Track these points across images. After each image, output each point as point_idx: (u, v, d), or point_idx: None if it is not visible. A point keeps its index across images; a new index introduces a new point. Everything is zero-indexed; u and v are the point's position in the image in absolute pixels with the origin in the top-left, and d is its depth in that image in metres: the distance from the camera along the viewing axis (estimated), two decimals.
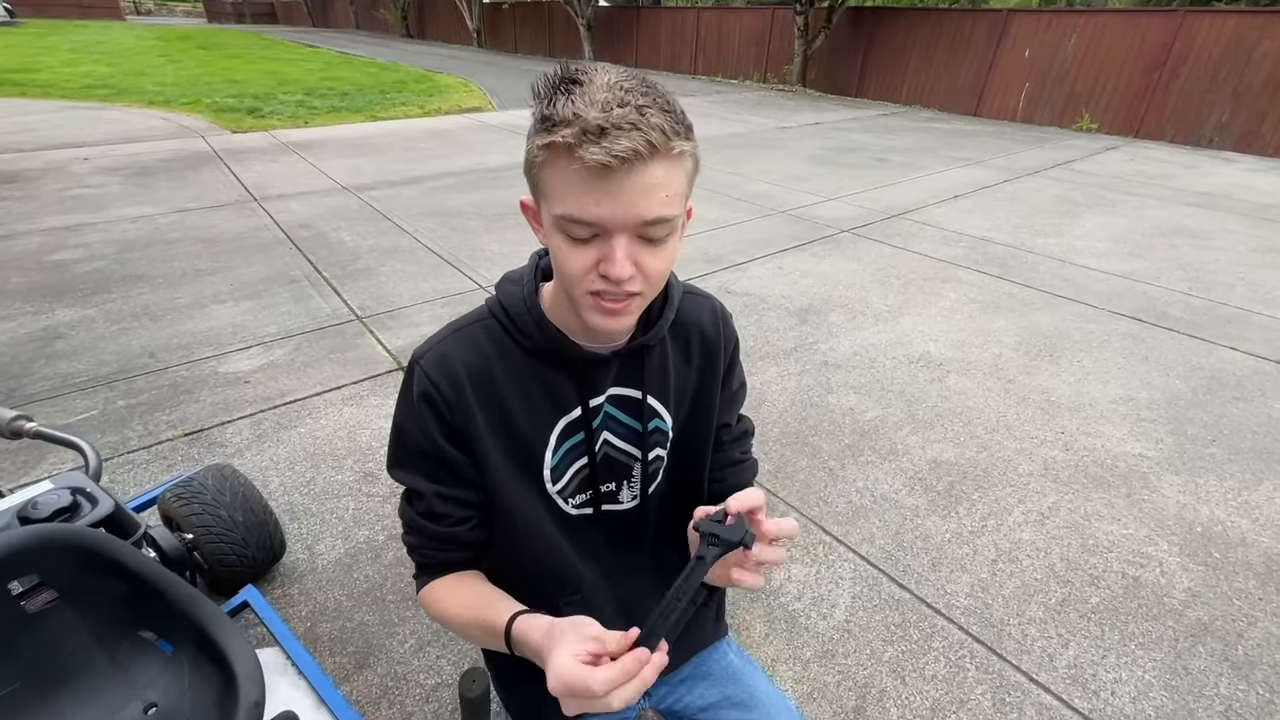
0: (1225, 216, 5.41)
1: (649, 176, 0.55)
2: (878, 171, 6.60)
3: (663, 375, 0.82)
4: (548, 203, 0.60)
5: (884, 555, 1.86)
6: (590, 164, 0.53)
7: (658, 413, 0.82)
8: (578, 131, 0.53)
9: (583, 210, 0.56)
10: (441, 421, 0.73)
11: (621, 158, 0.53)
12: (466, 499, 0.78)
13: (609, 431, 0.81)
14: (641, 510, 0.88)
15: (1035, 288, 3.79)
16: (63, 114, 8.35)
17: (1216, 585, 1.79)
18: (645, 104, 0.54)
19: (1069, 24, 10.05)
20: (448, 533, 0.78)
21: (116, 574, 1.04)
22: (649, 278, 0.62)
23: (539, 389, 0.75)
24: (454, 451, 0.75)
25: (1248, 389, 2.78)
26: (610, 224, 0.57)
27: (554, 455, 0.78)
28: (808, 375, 2.79)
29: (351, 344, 2.90)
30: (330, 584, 1.70)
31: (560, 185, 0.57)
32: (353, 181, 5.58)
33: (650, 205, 0.56)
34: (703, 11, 16.02)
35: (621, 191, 0.55)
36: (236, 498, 1.57)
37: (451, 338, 0.75)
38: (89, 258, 3.75)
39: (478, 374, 0.73)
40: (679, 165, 0.58)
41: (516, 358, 0.74)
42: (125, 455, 2.14)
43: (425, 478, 0.76)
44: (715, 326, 0.86)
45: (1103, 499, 2.11)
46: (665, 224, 0.59)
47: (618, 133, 0.52)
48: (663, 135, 0.54)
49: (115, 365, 2.66)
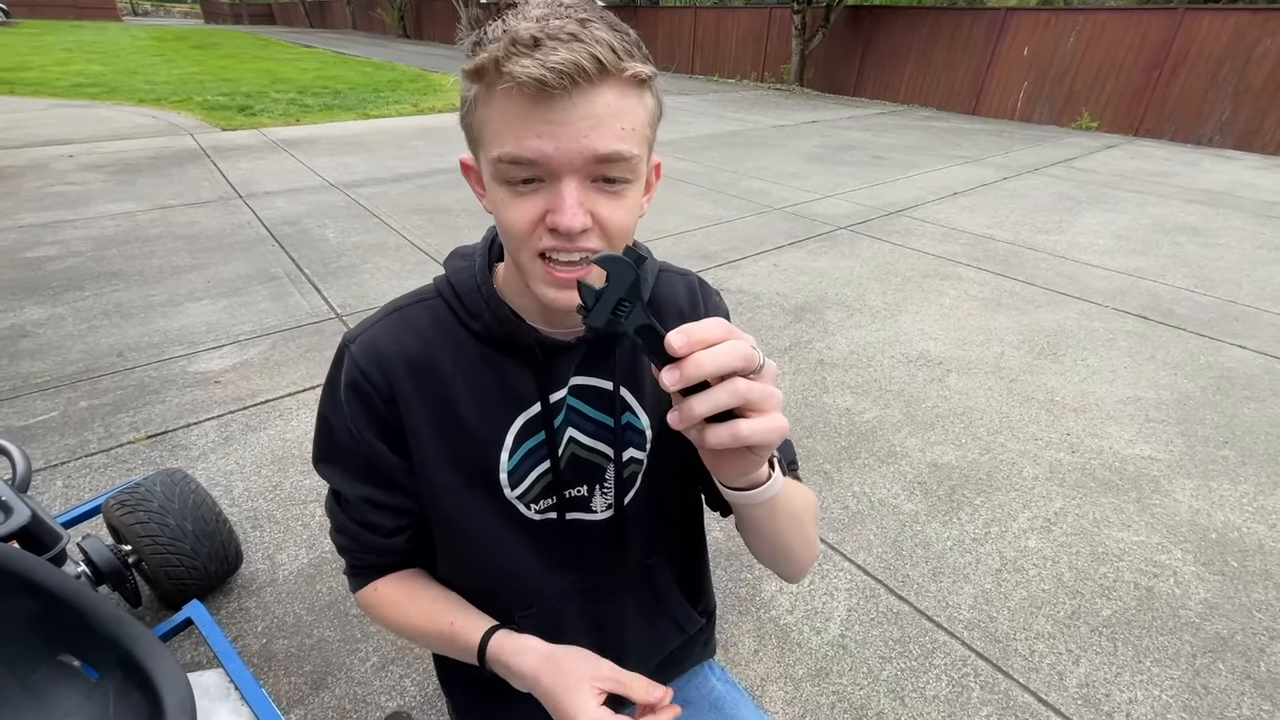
0: (1229, 214, 5.31)
1: (598, 102, 0.46)
2: (875, 169, 6.50)
3: (635, 363, 0.70)
4: (484, 149, 0.51)
5: (882, 564, 1.75)
6: (522, 79, 0.44)
7: (629, 407, 0.71)
8: (506, 43, 0.44)
9: (521, 145, 0.47)
10: (373, 415, 0.62)
11: (559, 71, 0.43)
12: (401, 506, 0.67)
13: (575, 428, 0.69)
14: (618, 527, 0.76)
15: (1037, 285, 3.69)
16: (51, 112, 8.24)
17: (1234, 596, 1.68)
18: (588, 18, 0.46)
19: (1068, 22, 9.97)
20: (379, 543, 0.69)
21: (27, 593, 0.93)
22: (608, 232, 0.51)
23: (492, 381, 0.64)
24: (387, 452, 0.64)
25: (1259, 389, 2.68)
26: (555, 161, 0.47)
27: (511, 457, 0.67)
28: (803, 374, 2.69)
29: (329, 342, 2.80)
30: (290, 596, 1.59)
31: (495, 122, 0.48)
32: (341, 179, 5.47)
33: (603, 137, 0.47)
34: (700, 11, 15.93)
35: (567, 120, 0.46)
36: (186, 505, 1.46)
37: (387, 319, 0.64)
38: (64, 254, 3.64)
39: (417, 362, 0.62)
40: (635, 95, 0.49)
41: (465, 344, 0.63)
42: (83, 459, 2.03)
43: (354, 480, 0.66)
44: (694, 303, 0.75)
45: (1112, 504, 2.00)
46: (623, 162, 0.49)
47: (554, 43, 0.44)
48: (612, 53, 0.46)
49: (81, 365, 2.55)
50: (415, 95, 10.75)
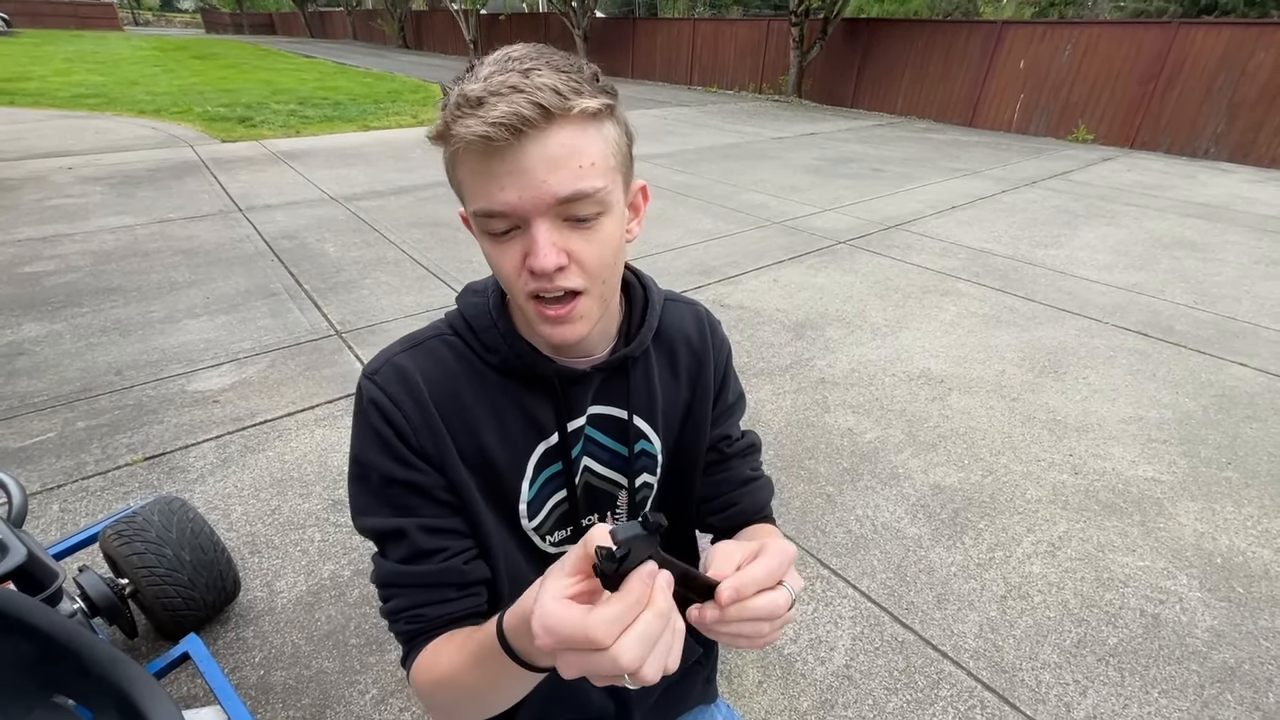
0: (1226, 228, 5.33)
1: (551, 144, 0.48)
2: (874, 182, 6.52)
3: (648, 392, 0.71)
4: (467, 204, 0.54)
5: (886, 591, 1.73)
6: (469, 138, 0.47)
7: (644, 434, 0.72)
8: (453, 106, 0.48)
9: (489, 199, 0.50)
10: (405, 440, 0.60)
11: (501, 124, 0.46)
12: (457, 528, 0.63)
13: (590, 457, 0.70)
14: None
15: (1037, 301, 3.69)
16: (50, 123, 8.25)
17: (1241, 624, 1.67)
18: (532, 66, 0.48)
19: (1063, 35, 10.05)
20: (442, 569, 0.60)
21: (22, 636, 0.91)
22: (586, 268, 0.53)
23: (513, 410, 0.64)
24: (430, 471, 0.60)
25: (1260, 408, 2.68)
26: (522, 208, 0.49)
27: (531, 487, 0.67)
28: (804, 393, 2.68)
29: (328, 360, 2.78)
30: (289, 626, 1.57)
31: (466, 180, 0.51)
32: (341, 191, 5.48)
33: (560, 179, 0.49)
34: (698, 23, 16.05)
35: (523, 168, 0.48)
36: (184, 534, 1.44)
37: (408, 352, 0.63)
38: (62, 269, 3.63)
39: (442, 391, 0.62)
40: (591, 129, 0.50)
41: (485, 376, 0.64)
42: (79, 482, 2.01)
43: (401, 513, 0.61)
44: (702, 335, 0.76)
45: (1116, 527, 1.99)
46: (588, 199, 0.50)
47: (494, 99, 0.46)
48: (555, 95, 0.47)
49: (78, 384, 2.53)
50: (415, 106, 10.78)
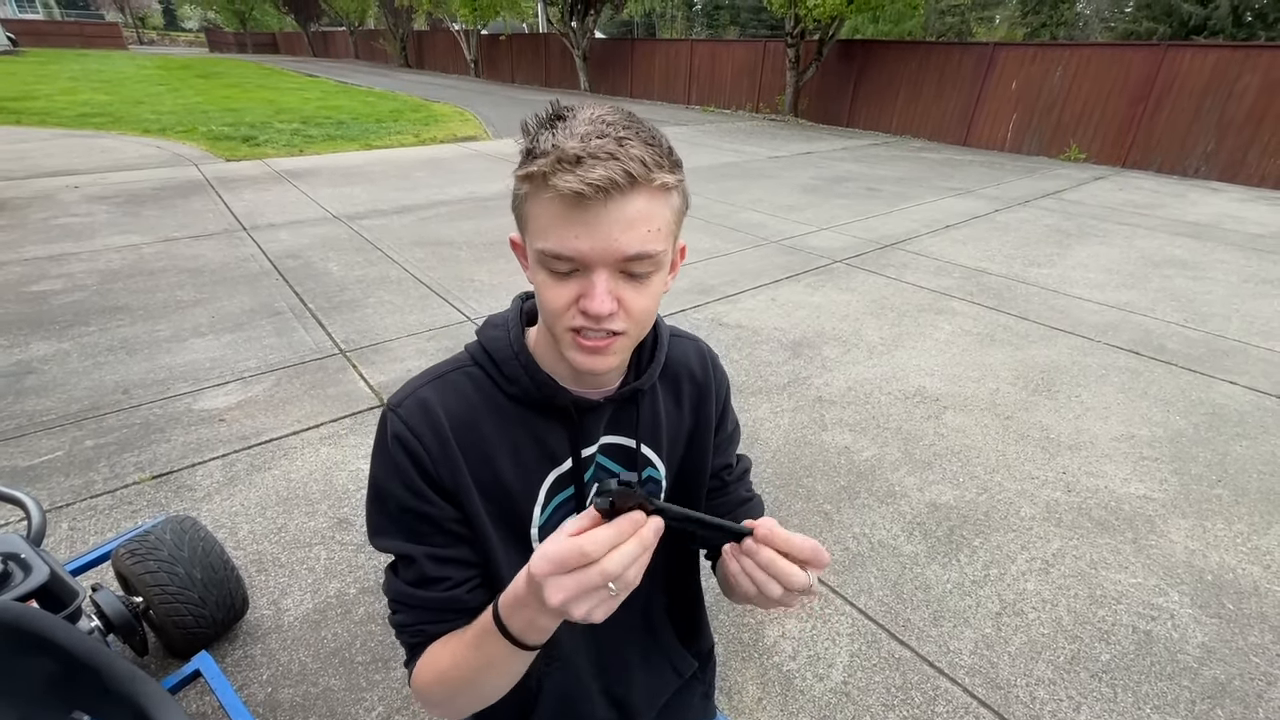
0: (1216, 247, 5.42)
1: (629, 209, 0.53)
2: (870, 201, 6.62)
3: (654, 422, 0.77)
4: (530, 237, 0.58)
5: (883, 608, 1.76)
6: (564, 191, 0.51)
7: (650, 461, 0.77)
8: (553, 160, 0.52)
9: (562, 244, 0.54)
10: (424, 470, 0.64)
11: (596, 185, 0.51)
12: (464, 558, 0.68)
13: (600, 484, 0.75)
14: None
15: (1030, 319, 3.75)
16: (57, 142, 8.36)
17: (1231, 640, 1.70)
18: (626, 135, 0.53)
19: (1054, 57, 10.25)
20: (446, 598, 0.66)
21: (45, 653, 0.95)
22: (632, 316, 0.59)
23: (528, 440, 0.69)
24: (443, 505, 0.66)
25: (1250, 426, 2.72)
26: (589, 258, 0.54)
27: (543, 512, 0.71)
28: (801, 412, 2.72)
29: (333, 379, 2.82)
30: (295, 643, 1.60)
31: (540, 219, 0.55)
32: (344, 210, 5.55)
33: (630, 239, 0.54)
34: (696, 44, 16.32)
35: (601, 224, 0.53)
36: (195, 553, 1.47)
37: (430, 385, 0.68)
38: (70, 288, 3.68)
39: (462, 423, 0.66)
40: (663, 199, 0.56)
41: (503, 407, 0.68)
42: (88, 500, 2.04)
43: (413, 539, 0.66)
44: (705, 370, 0.82)
45: (1108, 545, 2.03)
46: (648, 260, 0.56)
47: (593, 161, 0.51)
48: (643, 166, 0.52)
49: (86, 402, 2.57)
50: (417, 125, 10.93)
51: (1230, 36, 20.35)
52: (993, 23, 36.60)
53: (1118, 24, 26.90)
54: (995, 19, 36.75)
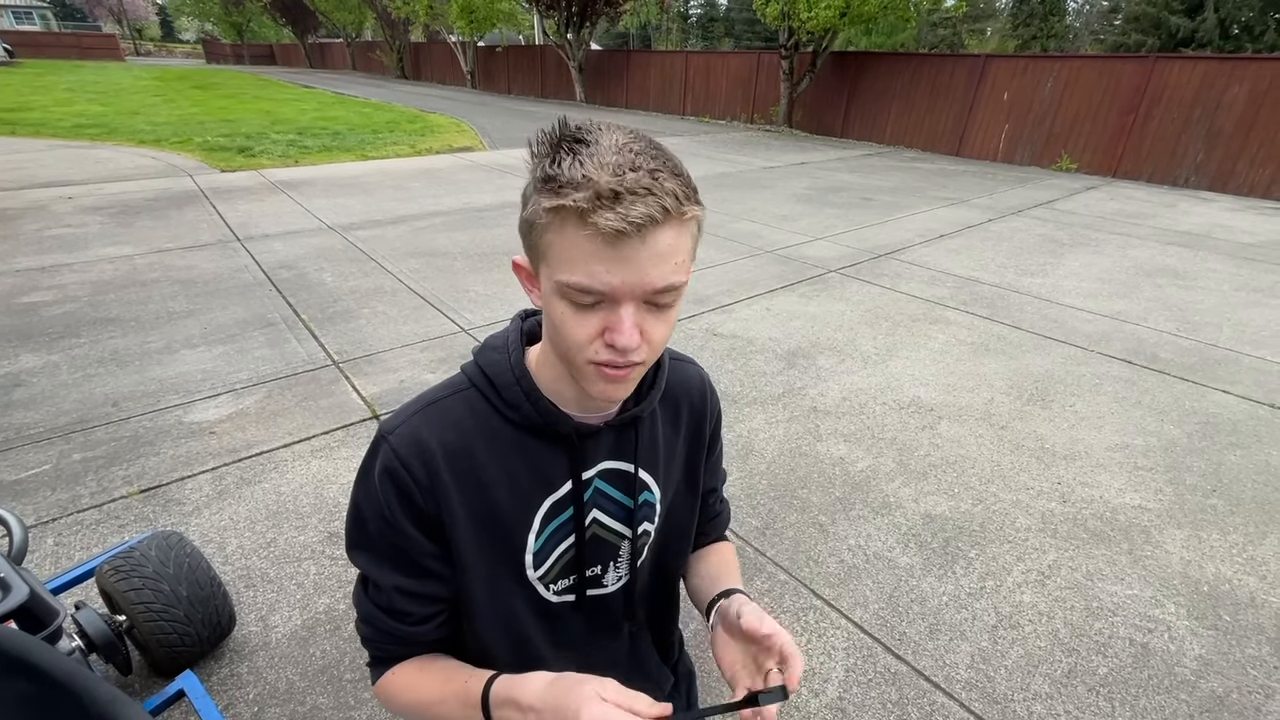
0: (1207, 256, 5.46)
1: (661, 243, 0.53)
2: (864, 211, 6.66)
3: (653, 446, 0.77)
4: (549, 268, 0.55)
5: (878, 621, 1.75)
6: (605, 230, 0.50)
7: (648, 485, 0.77)
8: (590, 196, 0.50)
9: (593, 279, 0.53)
10: (409, 505, 0.65)
11: (638, 224, 0.50)
12: (433, 594, 0.69)
13: (598, 509, 0.74)
14: (627, 592, 0.82)
15: (1024, 329, 3.76)
16: (52, 153, 8.34)
17: (1229, 652, 1.69)
18: (657, 168, 0.52)
19: (1045, 69, 10.36)
20: (409, 631, 0.70)
21: (22, 675, 0.93)
22: (653, 346, 0.59)
23: (524, 466, 0.68)
24: (422, 539, 0.66)
25: (1243, 435, 2.73)
26: (620, 293, 0.54)
27: (538, 539, 0.71)
28: (796, 422, 2.71)
29: (326, 391, 2.81)
30: (283, 661, 1.57)
31: (568, 251, 0.53)
32: (339, 221, 5.55)
33: (662, 273, 0.54)
34: (691, 55, 16.45)
35: (634, 259, 0.52)
36: (181, 570, 1.45)
37: (425, 411, 0.67)
38: (61, 300, 3.65)
39: (456, 454, 0.65)
40: (687, 230, 0.56)
41: (500, 433, 0.67)
42: (75, 515, 2.02)
43: (386, 568, 0.67)
44: (702, 396, 0.82)
45: (1104, 556, 2.02)
46: (674, 291, 0.56)
47: (633, 198, 0.50)
48: (676, 200, 0.52)
49: (75, 415, 2.54)
50: (413, 136, 10.96)
51: (1218, 48, 20.65)
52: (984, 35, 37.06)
53: (1107, 36, 27.28)
54: (987, 31, 37.22)
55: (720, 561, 0.88)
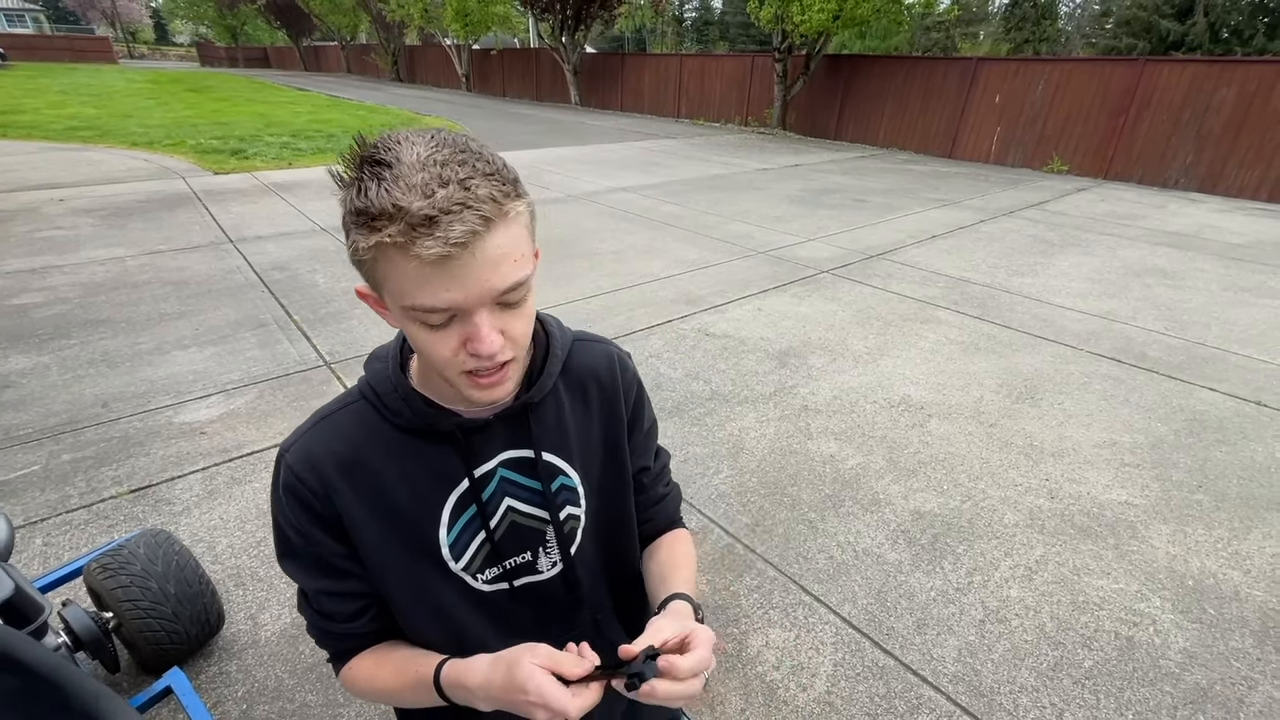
0: (1196, 256, 5.51)
1: (492, 247, 0.52)
2: (857, 212, 6.69)
3: (560, 429, 0.77)
4: (392, 296, 0.56)
5: (866, 617, 1.76)
6: (429, 259, 0.50)
7: (560, 469, 0.78)
8: (404, 228, 0.49)
9: (436, 299, 0.53)
10: (313, 514, 0.69)
11: (460, 243, 0.50)
12: (355, 591, 0.73)
13: (511, 498, 0.76)
14: (569, 577, 0.82)
15: (1014, 328, 3.79)
16: (43, 155, 8.31)
17: (1213, 645, 1.71)
18: (467, 175, 0.51)
19: (1036, 71, 10.44)
20: (343, 629, 0.74)
21: (7, 670, 0.93)
22: (517, 342, 0.60)
23: (420, 466, 0.71)
24: (331, 543, 0.70)
25: (1229, 431, 2.75)
26: (468, 304, 0.54)
27: (450, 532, 0.73)
28: (787, 421, 2.73)
29: (317, 391, 2.81)
30: (272, 659, 1.57)
31: (403, 281, 0.53)
32: (332, 223, 5.54)
33: (502, 275, 0.54)
34: (686, 58, 16.51)
35: (470, 273, 0.52)
36: (170, 568, 1.45)
37: (315, 428, 0.70)
38: (51, 301, 3.64)
39: (346, 461, 0.69)
40: (517, 224, 0.55)
41: (392, 439, 0.70)
42: (64, 515, 2.01)
43: (308, 574, 0.72)
44: (611, 373, 0.82)
45: (1091, 550, 2.03)
46: (521, 286, 0.57)
47: (449, 218, 0.49)
48: (495, 203, 0.52)
49: (65, 416, 2.54)
50: None
51: (1208, 52, 20.84)
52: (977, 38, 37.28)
53: (1098, 40, 27.48)
54: (979, 34, 37.44)
55: (668, 558, 0.86)
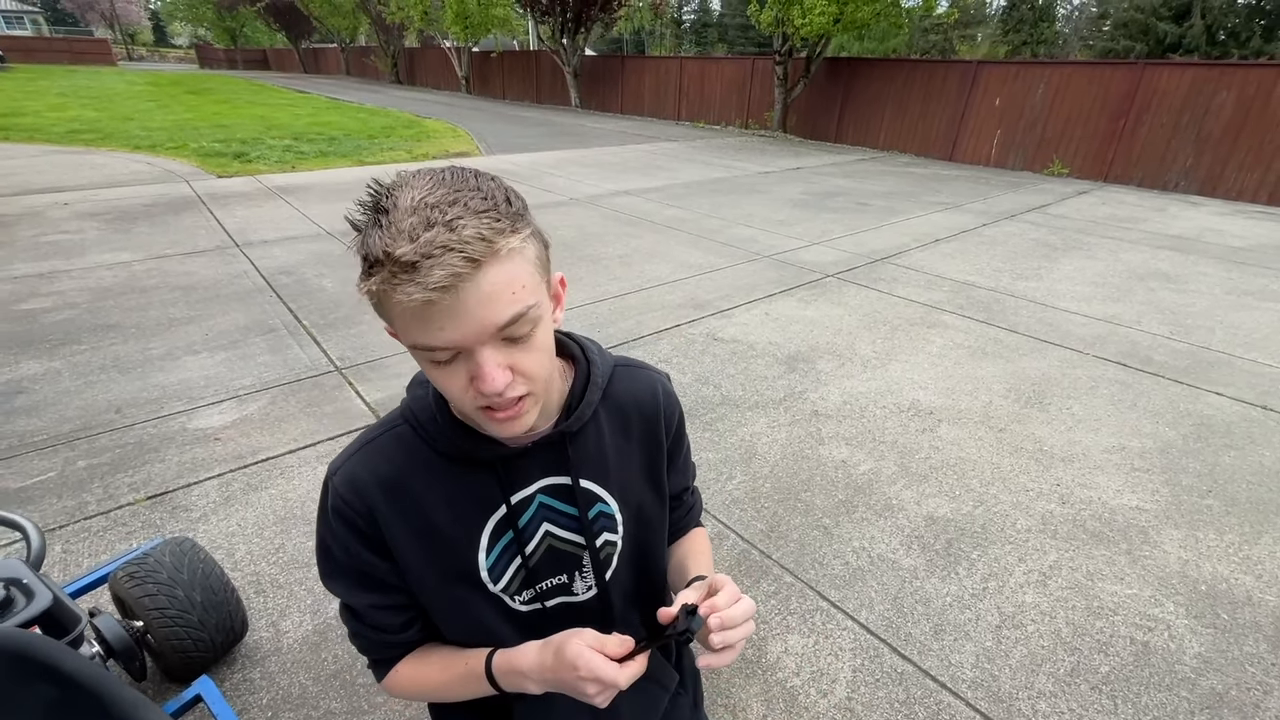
0: (1198, 259, 5.53)
1: (484, 286, 0.52)
2: (859, 216, 6.71)
3: (599, 457, 0.78)
4: (400, 334, 0.57)
5: (884, 622, 1.77)
6: (411, 306, 0.51)
7: (599, 497, 0.79)
8: (388, 274, 0.50)
9: (431, 338, 0.53)
10: (359, 534, 0.71)
11: (440, 287, 0.49)
12: (402, 604, 0.76)
13: (550, 523, 0.78)
14: (603, 600, 0.84)
15: (1020, 332, 3.81)
16: (45, 158, 8.31)
17: (1227, 650, 1.72)
18: (455, 215, 0.50)
19: (1036, 75, 10.48)
20: (394, 640, 0.77)
21: (49, 680, 0.94)
22: (530, 376, 0.59)
23: (461, 490, 0.72)
24: (380, 562, 0.73)
25: (1237, 436, 2.77)
26: (464, 342, 0.54)
27: (489, 555, 0.75)
28: (798, 426, 2.74)
29: (329, 396, 2.81)
30: (295, 666, 1.58)
31: (401, 320, 0.54)
32: (338, 227, 5.55)
33: (497, 311, 0.53)
34: (685, 61, 16.55)
35: (461, 312, 0.52)
36: (195, 575, 1.46)
37: (361, 452, 0.72)
38: (60, 306, 3.65)
39: (391, 486, 0.70)
40: (517, 258, 0.54)
41: (434, 463, 0.72)
42: (81, 522, 2.02)
43: (357, 590, 0.74)
44: (654, 400, 0.83)
45: (1104, 556, 2.05)
46: (524, 319, 0.55)
47: (429, 262, 0.49)
48: (483, 242, 0.50)
49: (79, 422, 2.54)
50: (409, 141, 10.97)
51: (1205, 54, 20.93)
52: (975, 40, 37.38)
53: (1096, 42, 27.58)
54: (977, 37, 37.56)
55: (688, 550, 0.91)
